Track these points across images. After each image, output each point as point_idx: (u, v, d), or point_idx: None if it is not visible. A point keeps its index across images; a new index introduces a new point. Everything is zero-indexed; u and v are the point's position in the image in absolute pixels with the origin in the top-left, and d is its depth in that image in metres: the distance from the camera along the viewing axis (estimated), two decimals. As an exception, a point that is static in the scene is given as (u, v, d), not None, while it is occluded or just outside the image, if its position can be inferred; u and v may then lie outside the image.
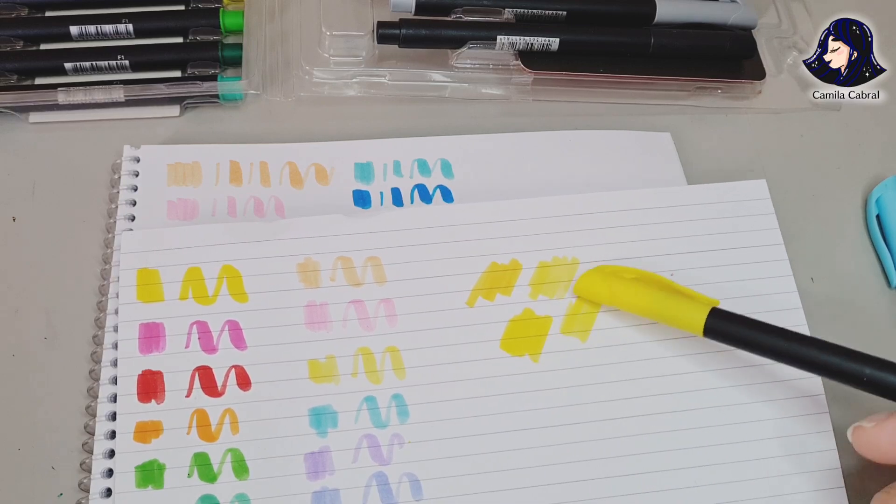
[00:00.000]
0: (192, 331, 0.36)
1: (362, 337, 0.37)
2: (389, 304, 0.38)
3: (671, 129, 0.45)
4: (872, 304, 0.41)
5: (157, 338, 0.36)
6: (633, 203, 0.41)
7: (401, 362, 0.36)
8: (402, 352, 0.37)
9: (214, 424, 0.35)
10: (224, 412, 0.35)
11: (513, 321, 0.38)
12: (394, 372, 0.36)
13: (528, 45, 0.44)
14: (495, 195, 0.42)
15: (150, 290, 0.37)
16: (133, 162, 0.41)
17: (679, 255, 0.39)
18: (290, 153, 0.43)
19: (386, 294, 0.38)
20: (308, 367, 0.36)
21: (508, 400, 0.36)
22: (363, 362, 0.36)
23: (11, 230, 0.40)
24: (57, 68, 0.44)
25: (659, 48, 0.45)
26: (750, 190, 0.41)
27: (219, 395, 0.35)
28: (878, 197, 0.43)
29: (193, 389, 0.35)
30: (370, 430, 0.35)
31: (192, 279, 0.37)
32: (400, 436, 0.35)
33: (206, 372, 0.36)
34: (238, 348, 0.36)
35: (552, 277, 0.39)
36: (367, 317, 0.37)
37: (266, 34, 0.46)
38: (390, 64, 0.45)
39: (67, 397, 0.36)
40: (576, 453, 0.35)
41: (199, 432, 0.34)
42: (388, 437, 0.35)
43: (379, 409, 0.35)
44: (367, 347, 0.37)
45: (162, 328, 0.36)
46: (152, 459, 0.34)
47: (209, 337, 0.36)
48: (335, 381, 0.36)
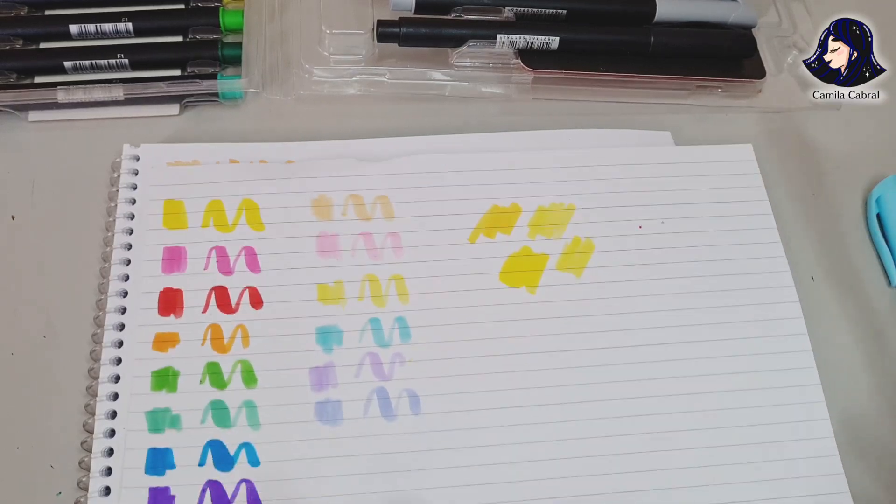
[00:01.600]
0: (212, 255, 0.39)
1: (369, 265, 0.39)
2: (396, 237, 0.40)
3: (671, 128, 0.45)
4: (872, 302, 0.41)
5: (179, 260, 0.39)
6: (626, 159, 0.43)
7: (405, 289, 0.39)
8: (406, 279, 0.39)
9: (227, 337, 0.37)
10: (236, 327, 0.37)
11: (512, 256, 0.40)
12: (398, 297, 0.38)
13: (528, 44, 0.44)
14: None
15: (175, 219, 0.40)
16: (132, 161, 0.41)
17: (668, 205, 0.42)
18: (290, 152, 0.42)
19: (393, 228, 0.40)
20: (317, 290, 0.38)
21: (505, 326, 0.38)
22: (369, 287, 0.39)
23: (11, 229, 0.40)
24: (56, 67, 0.44)
25: (659, 47, 0.45)
26: (736, 152, 0.44)
27: (232, 312, 0.38)
28: (879, 196, 0.43)
29: (210, 306, 0.38)
30: (373, 348, 0.37)
31: (214, 210, 0.40)
32: (401, 354, 0.37)
33: (222, 291, 0.38)
34: (253, 271, 0.39)
35: (549, 220, 0.41)
36: (374, 247, 0.40)
37: (266, 33, 0.46)
38: (390, 62, 0.45)
39: (66, 396, 0.36)
40: (565, 378, 0.37)
41: (213, 344, 0.37)
42: (390, 355, 0.37)
43: (382, 330, 0.38)
44: (374, 274, 0.39)
45: (184, 252, 0.39)
46: (167, 366, 0.36)
47: (226, 260, 0.39)
48: (342, 303, 0.38)
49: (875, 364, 0.39)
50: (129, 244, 0.39)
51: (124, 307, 0.37)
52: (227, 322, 0.37)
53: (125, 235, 0.39)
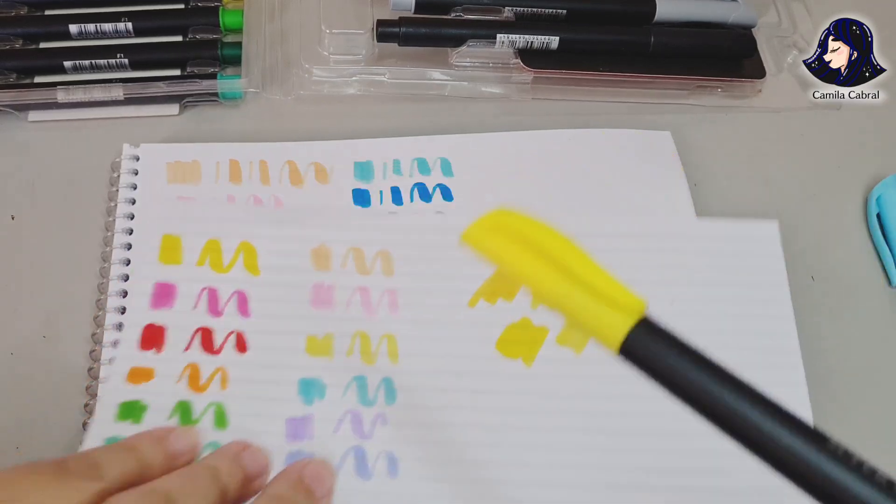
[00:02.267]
0: (202, 295, 0.38)
1: (363, 320, 0.38)
2: (393, 294, 0.38)
3: (671, 127, 0.45)
4: (873, 302, 0.41)
5: (169, 297, 0.38)
6: (641, 229, 0.41)
7: (396, 348, 0.37)
8: (398, 339, 0.37)
9: (205, 378, 0.36)
10: (216, 369, 0.36)
11: (511, 326, 0.38)
12: (388, 356, 0.37)
13: (528, 44, 0.44)
14: (495, 194, 0.42)
15: (171, 254, 0.39)
16: (132, 160, 0.41)
17: (682, 286, 0.39)
18: (290, 152, 0.42)
19: (392, 285, 0.39)
20: (306, 341, 0.37)
21: (497, 398, 0.36)
22: (360, 343, 0.37)
23: (10, 229, 0.40)
24: (56, 67, 0.44)
25: (659, 47, 0.45)
26: (760, 230, 0.41)
27: (215, 354, 0.36)
28: (879, 195, 0.43)
29: (192, 346, 0.37)
30: (356, 406, 0.36)
31: (211, 249, 0.39)
32: (384, 415, 0.36)
33: (207, 332, 0.37)
34: (242, 315, 0.38)
35: None
36: (370, 303, 0.38)
37: (266, 33, 0.46)
38: (390, 62, 0.45)
39: (66, 396, 0.36)
40: (553, 456, 0.35)
41: (190, 383, 0.36)
42: (373, 415, 0.36)
43: (367, 388, 0.36)
44: (366, 331, 0.37)
45: (174, 289, 0.38)
46: (137, 399, 0.35)
47: (216, 302, 0.38)
48: (329, 356, 0.37)
49: (875, 364, 0.39)
50: (128, 244, 0.39)
51: (124, 307, 0.37)
52: (207, 363, 0.36)
53: (125, 235, 0.39)
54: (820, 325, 0.40)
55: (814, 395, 0.37)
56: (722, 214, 0.43)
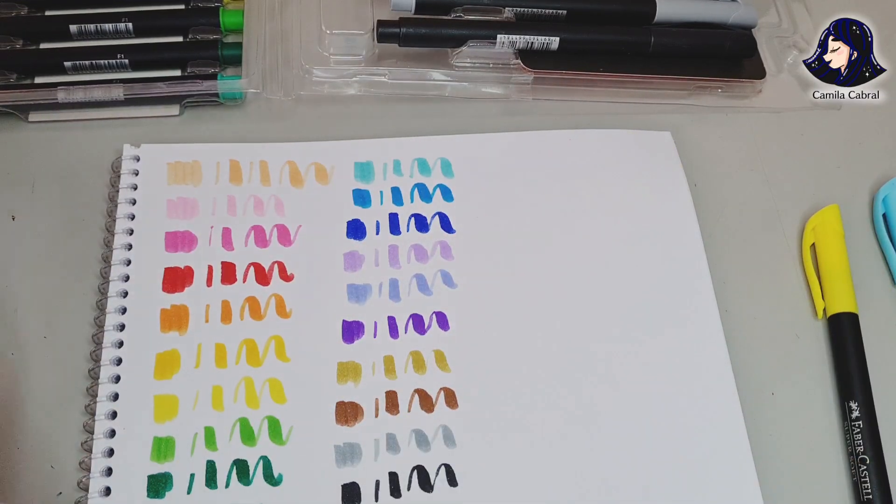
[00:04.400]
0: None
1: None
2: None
3: (671, 128, 0.45)
4: (877, 303, 0.41)
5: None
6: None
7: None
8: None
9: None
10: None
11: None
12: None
13: (528, 44, 0.44)
14: (495, 194, 0.42)
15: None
16: (133, 161, 0.41)
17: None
18: (290, 152, 0.43)
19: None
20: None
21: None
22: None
23: (11, 229, 0.40)
24: (56, 67, 0.44)
25: (659, 47, 0.45)
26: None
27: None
28: (885, 196, 0.43)
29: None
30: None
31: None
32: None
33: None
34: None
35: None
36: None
37: (266, 33, 0.46)
38: (390, 63, 0.45)
39: (66, 396, 0.36)
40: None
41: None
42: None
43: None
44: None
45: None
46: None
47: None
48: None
49: (879, 364, 0.39)
50: (129, 244, 0.39)
51: (124, 307, 0.37)
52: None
53: (125, 236, 0.39)
54: (821, 326, 0.40)
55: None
56: (722, 214, 0.43)
